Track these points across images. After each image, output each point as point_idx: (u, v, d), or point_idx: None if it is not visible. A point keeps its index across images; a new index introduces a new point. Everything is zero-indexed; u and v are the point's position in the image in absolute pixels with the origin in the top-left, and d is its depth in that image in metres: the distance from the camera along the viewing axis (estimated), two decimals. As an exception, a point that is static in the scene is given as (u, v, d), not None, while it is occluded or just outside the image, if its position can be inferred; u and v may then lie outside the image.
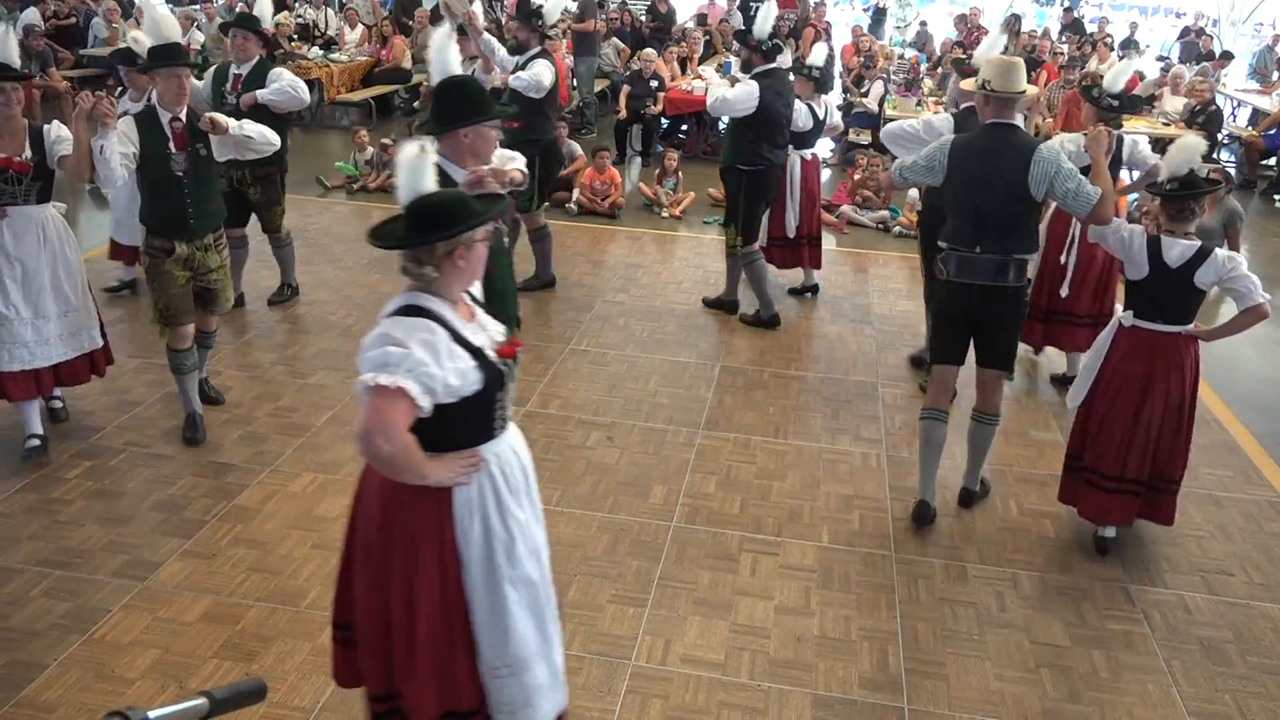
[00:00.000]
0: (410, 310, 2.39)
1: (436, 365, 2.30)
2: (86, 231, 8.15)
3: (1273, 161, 11.57)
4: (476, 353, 2.41)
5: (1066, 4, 18.21)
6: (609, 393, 5.63)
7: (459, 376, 2.34)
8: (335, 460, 4.80)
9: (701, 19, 14.93)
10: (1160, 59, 15.98)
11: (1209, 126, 10.89)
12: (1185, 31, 16.84)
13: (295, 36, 13.37)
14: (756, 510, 4.55)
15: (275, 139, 4.77)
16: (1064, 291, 5.56)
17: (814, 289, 7.32)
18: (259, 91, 5.78)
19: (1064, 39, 15.85)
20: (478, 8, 6.79)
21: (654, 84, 11.20)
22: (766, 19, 6.26)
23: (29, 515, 4.26)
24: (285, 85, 5.80)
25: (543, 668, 2.61)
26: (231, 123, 4.60)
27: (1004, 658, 3.69)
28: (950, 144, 4.33)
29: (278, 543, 4.15)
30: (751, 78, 6.23)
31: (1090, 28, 16.74)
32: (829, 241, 8.51)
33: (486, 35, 6.46)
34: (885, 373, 6.07)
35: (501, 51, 6.56)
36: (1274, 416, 5.81)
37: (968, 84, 4.92)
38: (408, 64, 13.10)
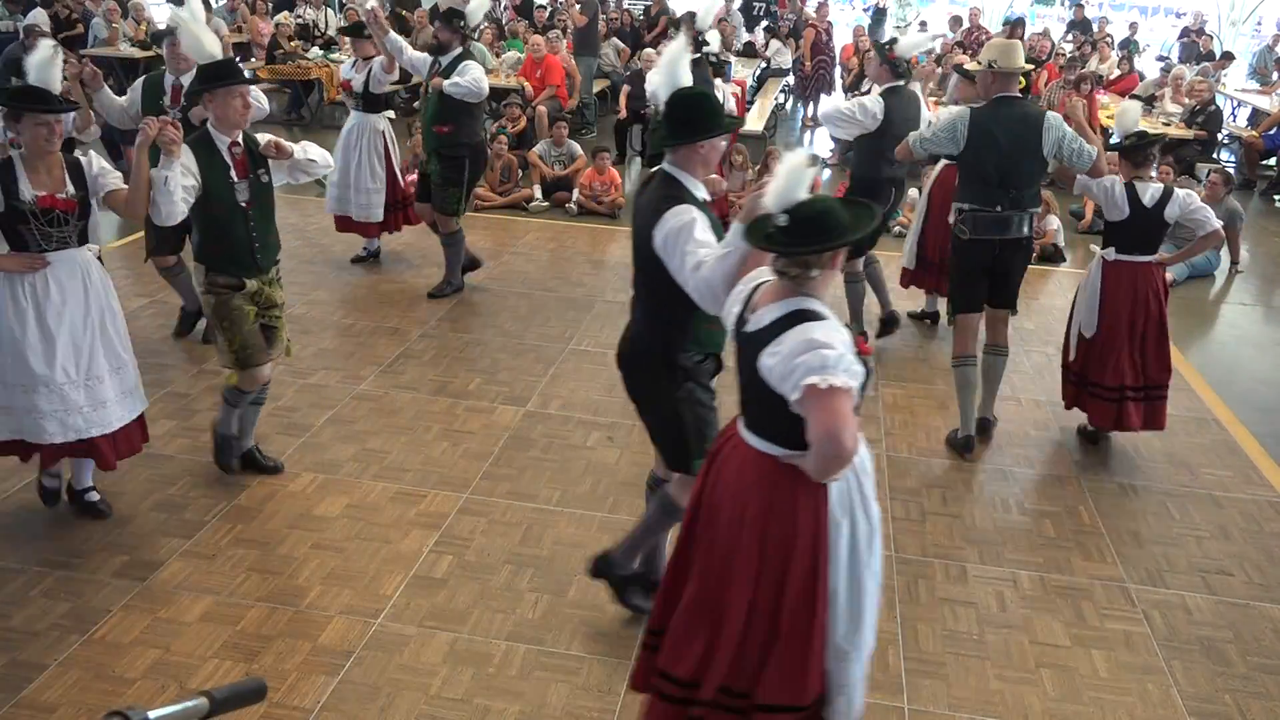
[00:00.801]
0: (806, 315, 2.45)
1: (855, 364, 2.40)
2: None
3: (1273, 161, 11.57)
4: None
5: (1072, 1, 18.17)
6: (609, 393, 5.63)
7: (857, 375, 2.41)
8: (335, 460, 4.80)
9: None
10: (1160, 59, 15.98)
11: (1209, 126, 10.90)
12: (1185, 32, 16.83)
13: (295, 36, 13.37)
14: (756, 510, 4.54)
15: (331, 160, 4.44)
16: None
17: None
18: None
19: (1069, 37, 15.85)
20: (375, 4, 6.98)
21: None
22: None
23: (29, 515, 4.26)
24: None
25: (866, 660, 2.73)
26: (295, 146, 4.27)
27: (1004, 658, 3.69)
28: (969, 115, 4.83)
29: (278, 543, 4.15)
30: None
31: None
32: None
33: (393, 34, 6.41)
34: (885, 373, 6.06)
35: (410, 52, 6.56)
36: (1274, 416, 5.81)
37: (973, 66, 5.52)
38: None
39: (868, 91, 11.75)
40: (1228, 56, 14.32)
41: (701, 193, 3.23)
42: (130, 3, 13.58)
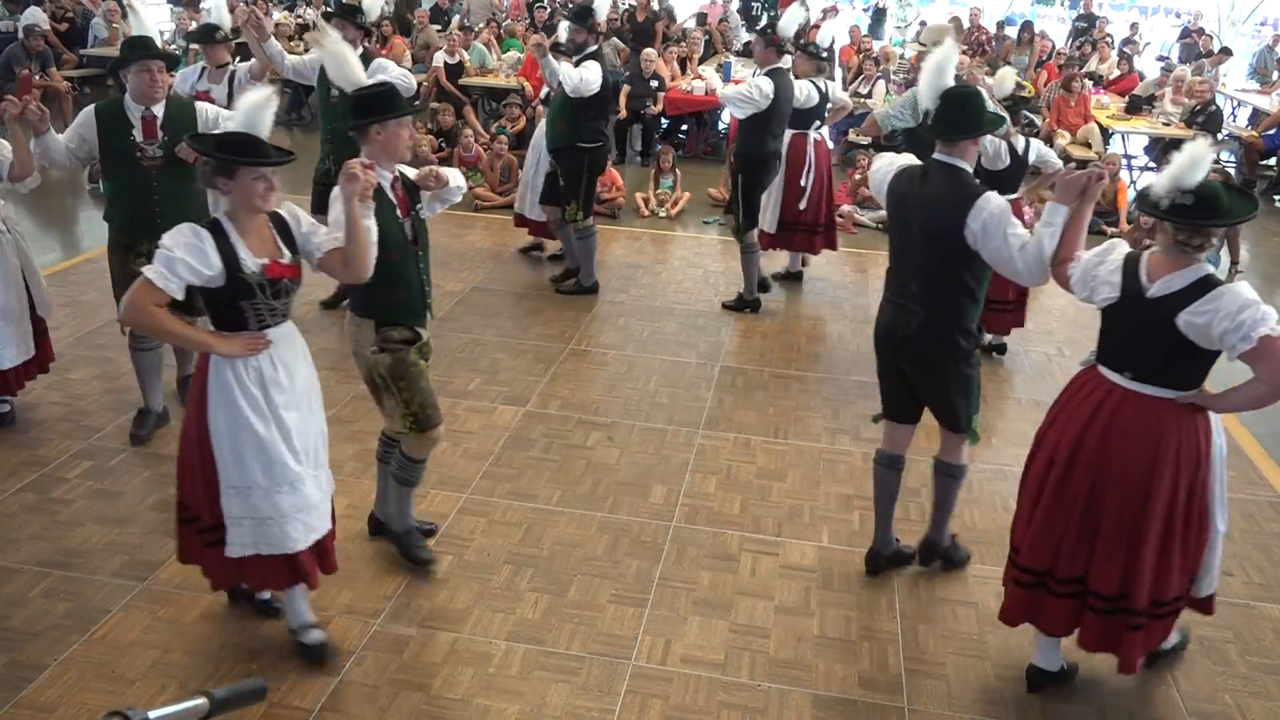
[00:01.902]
0: (1216, 279, 2.99)
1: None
2: (86, 231, 8.16)
3: (1273, 161, 11.57)
4: None
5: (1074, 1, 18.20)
6: (609, 393, 5.63)
7: None
8: (335, 460, 4.78)
9: (701, 19, 14.92)
10: (1160, 59, 15.98)
11: (1209, 126, 10.88)
12: (1185, 32, 16.83)
13: (295, 36, 13.36)
14: (756, 510, 4.55)
15: (464, 182, 3.97)
16: (802, 205, 6.93)
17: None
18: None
19: (1073, 36, 15.84)
20: (275, 13, 7.01)
21: (654, 84, 11.20)
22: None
23: (29, 515, 4.26)
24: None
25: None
26: (452, 172, 3.81)
27: (1004, 658, 3.69)
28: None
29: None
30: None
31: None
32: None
33: (273, 40, 6.19)
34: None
35: (290, 59, 6.32)
36: (1274, 416, 5.79)
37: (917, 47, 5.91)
38: (408, 63, 13.08)
39: (870, 94, 11.76)
40: (1225, 51, 14.30)
41: None
42: (130, 3, 13.58)
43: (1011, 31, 15.64)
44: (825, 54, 7.01)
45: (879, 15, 17.93)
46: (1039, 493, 3.34)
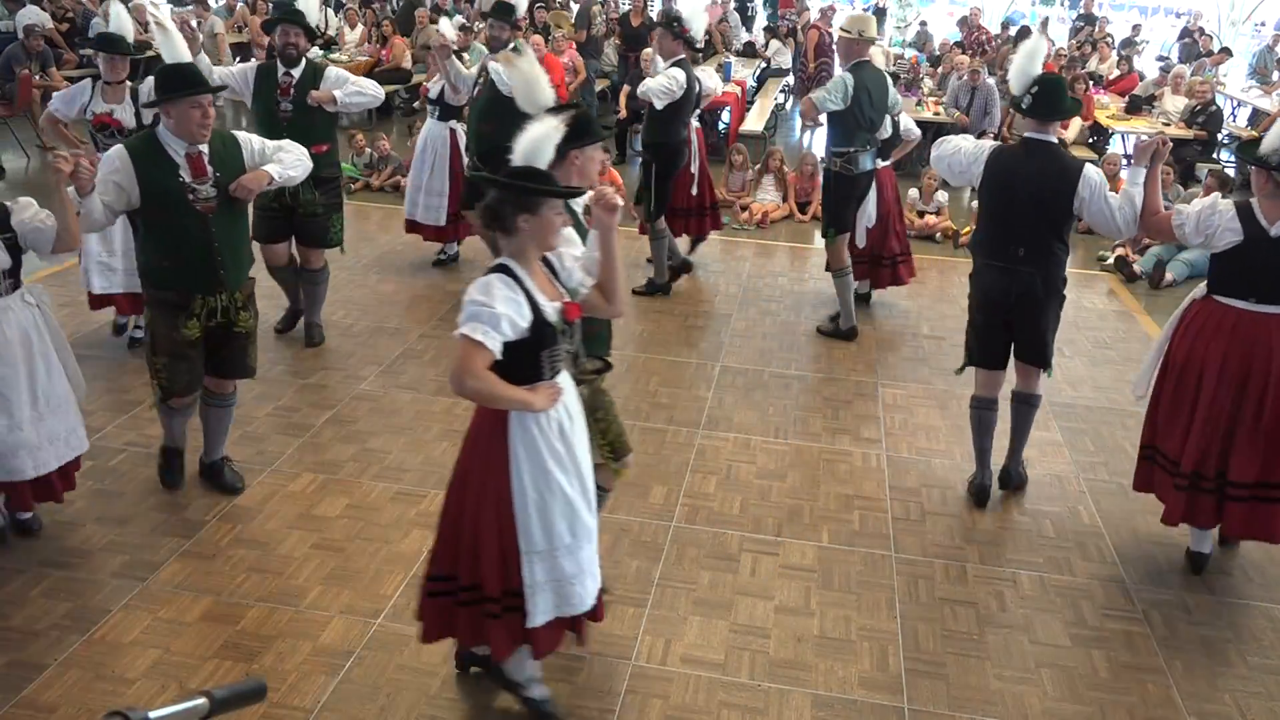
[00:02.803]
0: None
1: None
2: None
3: (1273, 161, 11.56)
4: None
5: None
6: (609, 393, 5.62)
7: None
8: (335, 460, 4.80)
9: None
10: (1160, 59, 15.99)
11: (1209, 126, 10.90)
12: (1185, 33, 16.84)
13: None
14: (756, 510, 4.55)
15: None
16: (694, 191, 7.18)
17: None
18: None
19: (1072, 36, 15.85)
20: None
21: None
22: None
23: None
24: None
25: None
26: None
27: (1004, 658, 3.69)
28: (854, 77, 5.94)
29: (278, 543, 4.15)
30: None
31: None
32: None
33: (203, 54, 5.93)
34: (885, 373, 6.07)
35: (217, 70, 5.67)
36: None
37: (839, 33, 6.29)
38: (408, 64, 13.09)
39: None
40: (1225, 51, 14.30)
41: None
42: (131, 3, 13.58)
43: (1013, 32, 15.66)
44: (699, 44, 7.10)
45: (879, 15, 17.93)
46: (1193, 407, 3.96)
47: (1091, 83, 12.07)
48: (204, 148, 3.91)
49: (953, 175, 4.57)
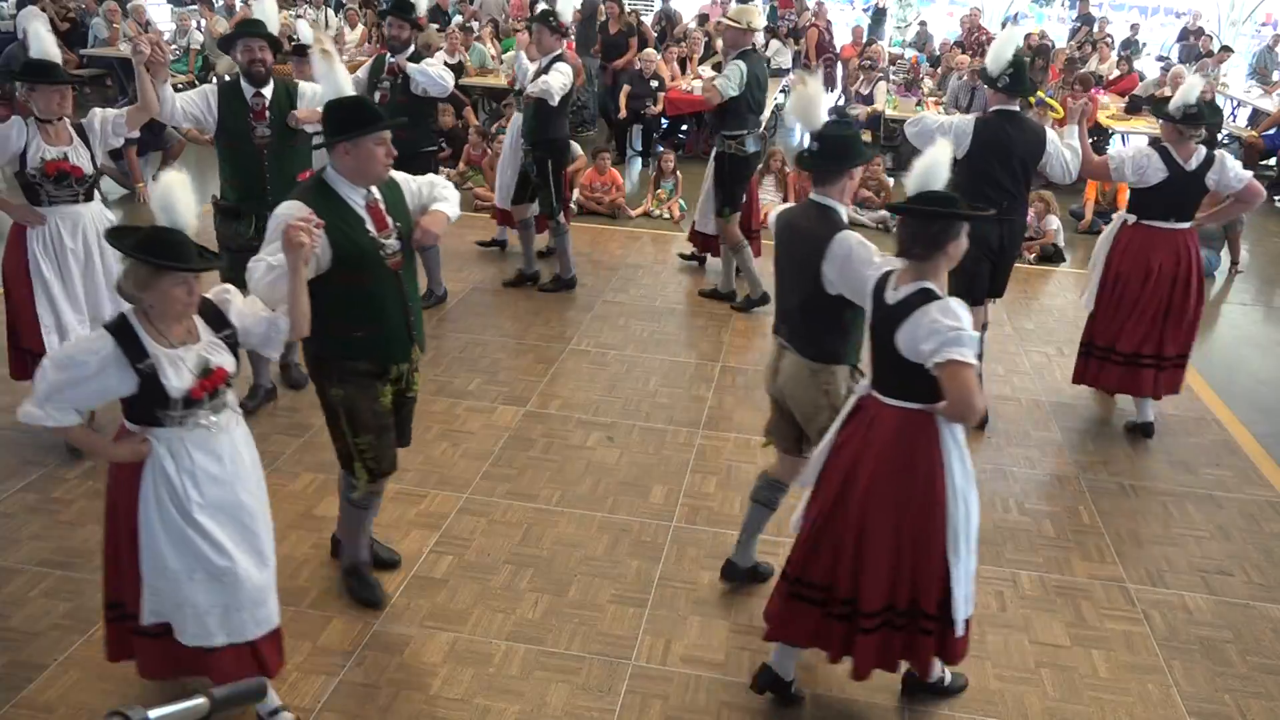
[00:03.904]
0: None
1: None
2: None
3: (1273, 161, 11.57)
4: None
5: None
6: (609, 393, 5.63)
7: None
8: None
9: (703, 19, 14.91)
10: (1160, 59, 15.98)
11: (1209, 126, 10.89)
12: (1184, 34, 16.83)
13: (295, 36, 13.37)
14: (756, 510, 4.54)
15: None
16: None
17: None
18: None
19: (1071, 36, 15.84)
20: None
21: (654, 84, 11.21)
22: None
23: (29, 515, 4.26)
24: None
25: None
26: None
27: (1004, 658, 3.69)
28: (748, 64, 6.37)
29: (278, 543, 4.11)
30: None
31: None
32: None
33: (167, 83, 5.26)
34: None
35: (178, 100, 4.76)
36: (1274, 416, 5.81)
37: (728, 22, 6.67)
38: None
39: (869, 97, 11.74)
40: (1226, 50, 14.29)
41: None
42: (130, 3, 13.57)
43: (1017, 31, 15.62)
44: (568, 30, 7.03)
45: (879, 15, 17.93)
46: (1132, 307, 5.22)
47: (1094, 82, 12.05)
48: (379, 194, 3.36)
49: (924, 141, 4.60)
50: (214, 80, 11.80)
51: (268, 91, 4.84)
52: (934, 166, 2.96)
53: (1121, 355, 5.25)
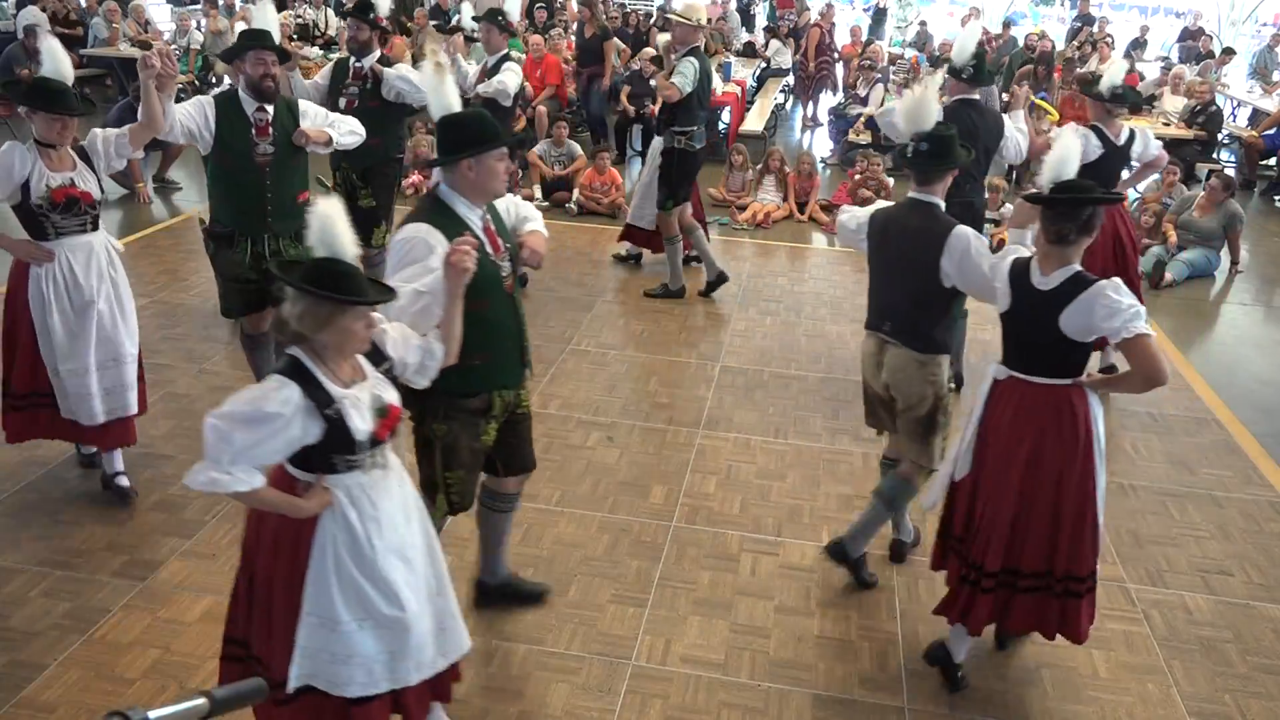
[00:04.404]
0: None
1: None
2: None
3: (1273, 161, 11.57)
4: None
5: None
6: (609, 393, 5.63)
7: None
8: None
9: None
10: (1160, 59, 15.98)
11: (1209, 126, 10.89)
12: (1185, 34, 16.83)
13: (295, 36, 13.37)
14: (756, 510, 4.55)
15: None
16: None
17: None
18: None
19: (1071, 36, 15.84)
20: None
21: (653, 83, 11.20)
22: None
23: (29, 515, 4.26)
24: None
25: None
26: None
27: (1004, 658, 3.69)
28: (699, 59, 6.37)
29: (278, 543, 4.14)
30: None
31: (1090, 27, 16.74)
32: (826, 241, 8.51)
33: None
34: (885, 373, 6.06)
35: (176, 114, 4.33)
36: (1274, 416, 5.81)
37: (677, 17, 6.62)
38: (407, 64, 13.06)
39: (866, 98, 11.74)
40: (1228, 52, 14.29)
41: None
42: (130, 3, 13.58)
43: (1017, 32, 15.65)
44: (515, 30, 7.14)
45: (879, 15, 17.94)
46: None
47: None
48: (270, 110, 3.93)
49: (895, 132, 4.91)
50: (214, 81, 11.83)
51: (270, 106, 4.47)
52: (1065, 159, 3.21)
53: None
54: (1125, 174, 6.02)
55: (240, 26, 10.12)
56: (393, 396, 2.68)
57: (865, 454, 5.08)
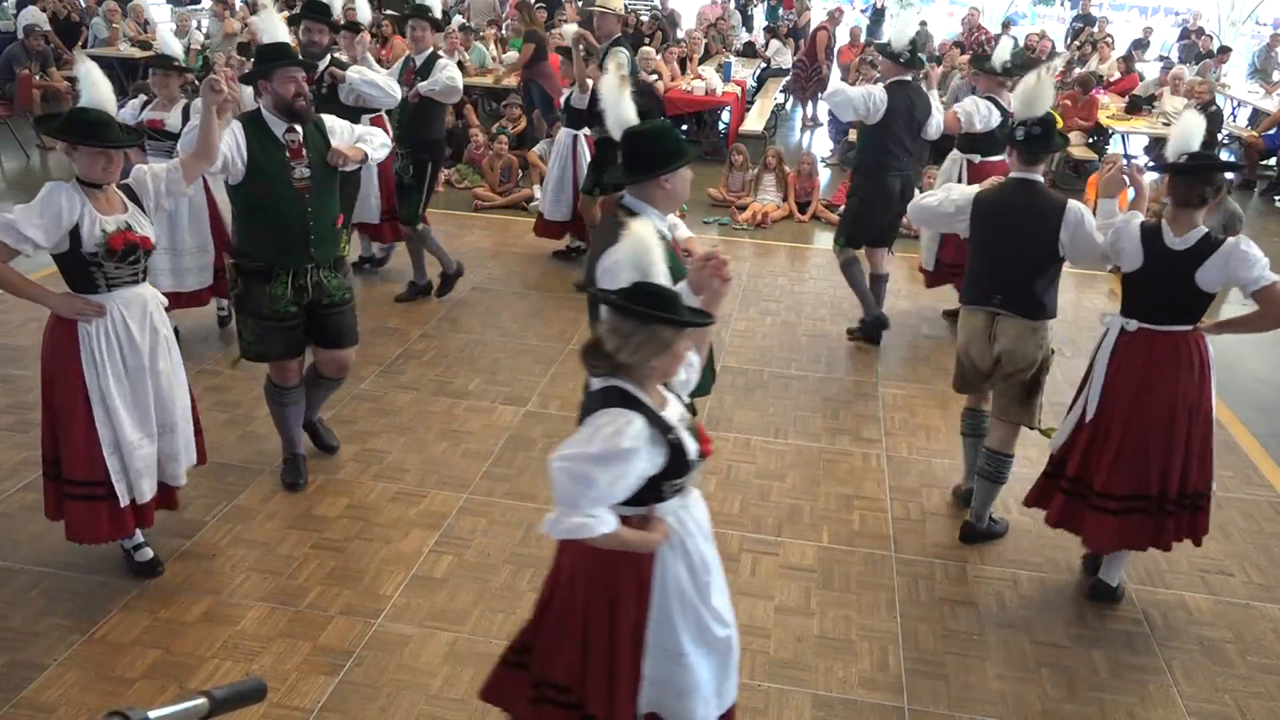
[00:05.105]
0: None
1: None
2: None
3: (1273, 161, 11.57)
4: None
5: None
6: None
7: None
8: (335, 460, 4.79)
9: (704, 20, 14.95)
10: (1161, 59, 15.99)
11: (1209, 127, 10.86)
12: (1184, 34, 16.84)
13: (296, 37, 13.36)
14: (756, 510, 4.55)
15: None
16: None
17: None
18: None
19: (1071, 36, 15.85)
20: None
21: (654, 79, 11.22)
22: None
23: (29, 515, 4.26)
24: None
25: None
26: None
27: (1004, 658, 3.69)
28: (621, 51, 6.55)
29: (278, 543, 4.15)
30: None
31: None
32: (827, 241, 8.50)
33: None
34: (885, 373, 6.07)
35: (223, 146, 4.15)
36: (1274, 416, 5.81)
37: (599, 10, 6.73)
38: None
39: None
40: (1225, 50, 14.29)
41: None
42: (130, 3, 13.58)
43: (1017, 32, 15.65)
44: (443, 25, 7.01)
45: (878, 15, 17.93)
46: None
47: (1095, 83, 12.06)
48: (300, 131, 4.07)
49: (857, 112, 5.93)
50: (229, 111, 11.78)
51: (300, 126, 4.12)
52: (1191, 134, 3.61)
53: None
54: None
55: (253, 23, 9.98)
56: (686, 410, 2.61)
57: (865, 454, 5.08)
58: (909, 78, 5.98)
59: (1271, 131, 11.36)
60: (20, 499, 4.38)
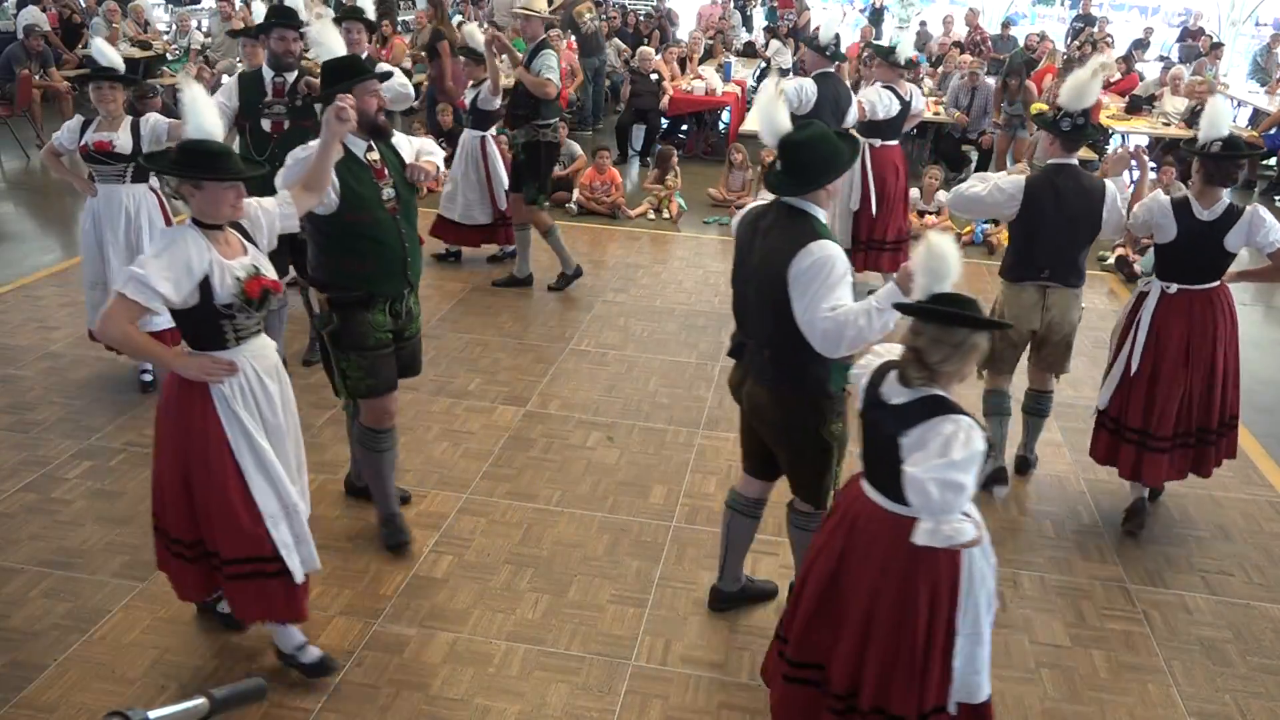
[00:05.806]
0: None
1: None
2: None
3: (1273, 161, 11.57)
4: None
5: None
6: (609, 393, 5.63)
7: None
8: (335, 460, 4.79)
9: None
10: (1161, 59, 15.98)
11: (1209, 127, 10.88)
12: (1184, 35, 16.84)
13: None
14: (756, 510, 4.54)
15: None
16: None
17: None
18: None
19: (1071, 36, 15.85)
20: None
21: (654, 78, 11.22)
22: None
23: (29, 515, 4.26)
24: None
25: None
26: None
27: (1004, 658, 3.69)
28: (548, 48, 6.55)
29: (278, 543, 4.14)
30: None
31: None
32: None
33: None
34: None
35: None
36: (1274, 416, 5.81)
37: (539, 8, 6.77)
38: (407, 64, 13.06)
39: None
40: (1218, 47, 14.28)
41: None
42: (130, 3, 13.58)
43: (1017, 32, 15.65)
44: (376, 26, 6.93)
45: (877, 15, 17.93)
46: None
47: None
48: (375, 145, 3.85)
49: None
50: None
51: (379, 145, 3.80)
52: (1220, 123, 4.17)
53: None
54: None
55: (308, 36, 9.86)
56: None
57: (865, 454, 5.08)
58: (832, 70, 6.41)
59: (1271, 131, 11.35)
60: (20, 499, 4.38)
